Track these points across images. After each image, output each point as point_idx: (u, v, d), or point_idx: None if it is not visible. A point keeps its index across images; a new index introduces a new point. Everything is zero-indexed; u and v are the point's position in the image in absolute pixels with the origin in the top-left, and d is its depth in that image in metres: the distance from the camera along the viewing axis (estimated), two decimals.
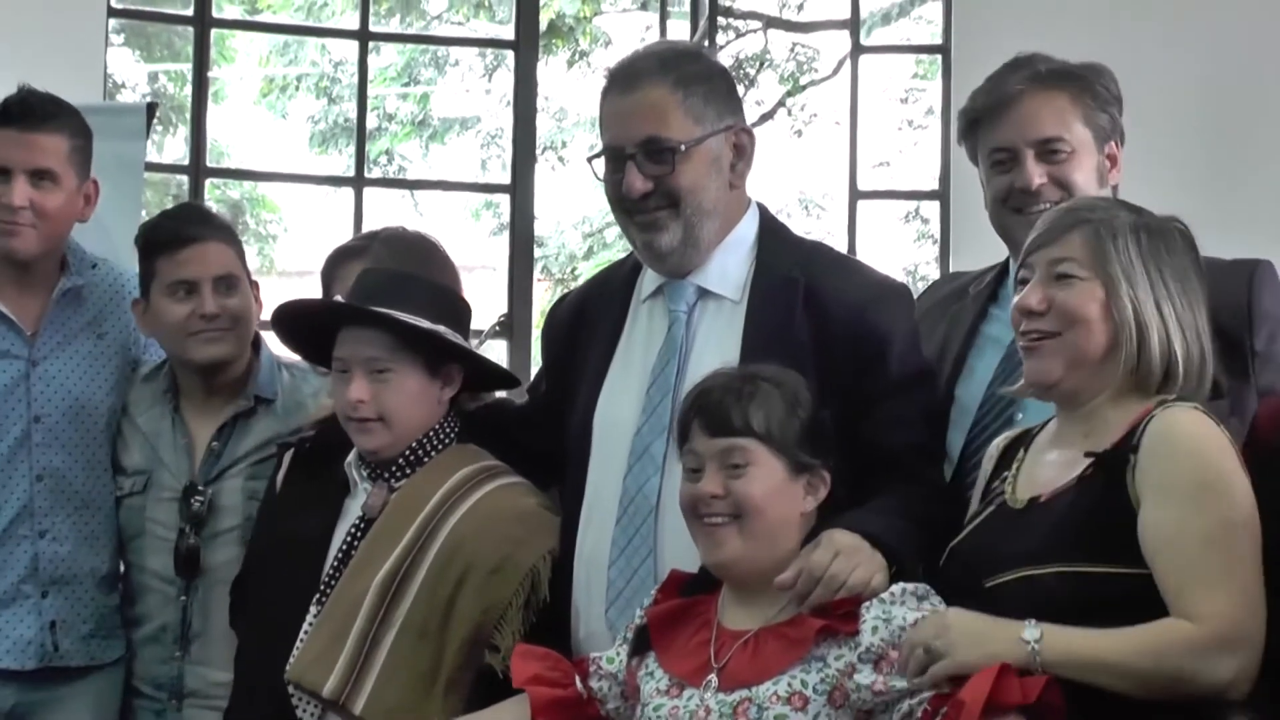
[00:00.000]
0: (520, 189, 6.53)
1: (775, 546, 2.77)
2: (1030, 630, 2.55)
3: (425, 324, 3.21)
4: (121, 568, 3.83)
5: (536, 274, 6.28)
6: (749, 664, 2.72)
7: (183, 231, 3.67)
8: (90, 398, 3.74)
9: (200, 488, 3.62)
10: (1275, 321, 3.14)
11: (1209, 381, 2.75)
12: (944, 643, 2.56)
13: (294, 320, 3.36)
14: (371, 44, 6.86)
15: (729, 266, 3.12)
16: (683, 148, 3.04)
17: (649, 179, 3.03)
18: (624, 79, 3.14)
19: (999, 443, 2.93)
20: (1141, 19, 3.85)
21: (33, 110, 3.63)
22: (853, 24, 6.91)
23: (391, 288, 3.32)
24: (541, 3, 6.77)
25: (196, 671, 3.66)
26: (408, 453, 3.22)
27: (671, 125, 3.04)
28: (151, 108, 4.66)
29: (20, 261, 3.67)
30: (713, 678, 2.73)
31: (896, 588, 2.70)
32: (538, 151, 6.43)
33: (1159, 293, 2.71)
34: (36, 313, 3.72)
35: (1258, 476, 2.69)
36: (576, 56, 11.83)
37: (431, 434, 3.25)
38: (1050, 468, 2.75)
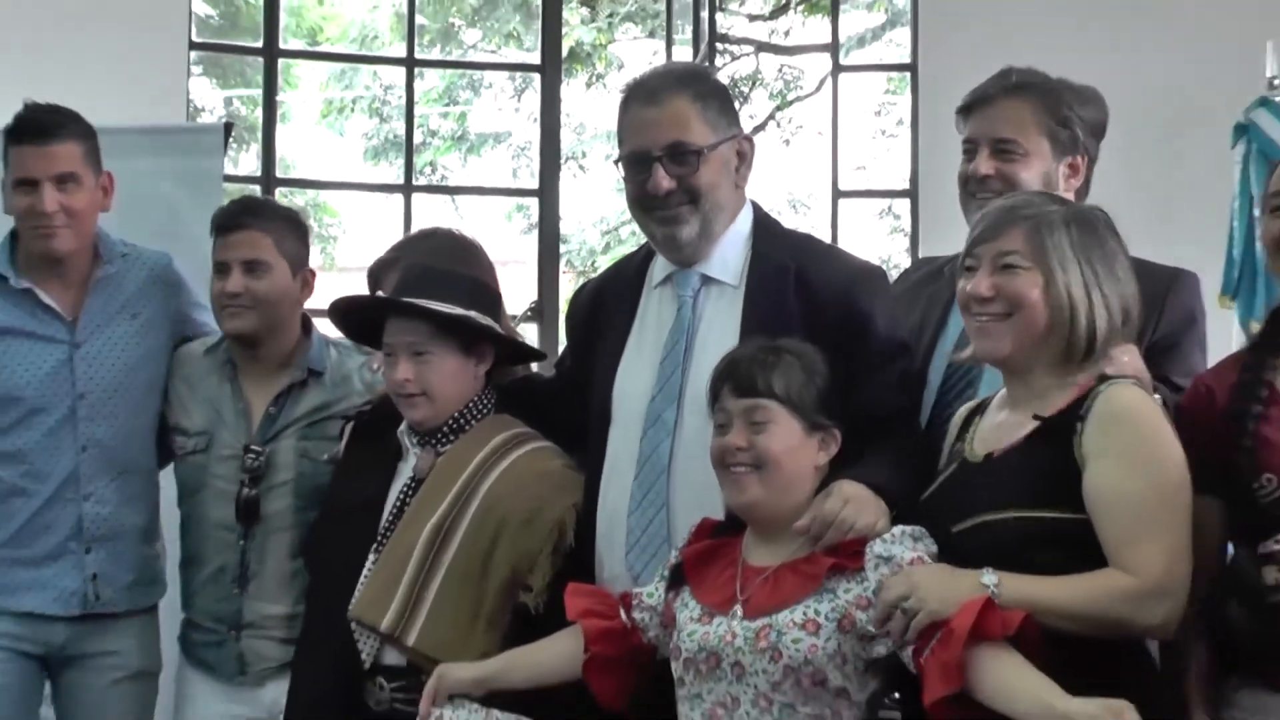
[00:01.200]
0: (546, 193, 6.57)
1: (792, 494, 2.80)
2: (988, 576, 2.58)
3: (458, 311, 3.24)
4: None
5: (561, 267, 6.24)
6: (769, 595, 2.76)
7: (229, 219, 3.72)
8: (128, 373, 3.74)
9: (257, 447, 3.63)
10: (1178, 323, 3.19)
11: (1135, 331, 2.84)
12: (915, 600, 2.59)
13: (347, 312, 3.40)
14: (417, 70, 6.86)
15: (729, 256, 3.13)
16: (704, 151, 3.06)
17: (673, 178, 3.05)
18: (647, 93, 3.15)
19: (961, 412, 2.97)
20: (1088, 41, 3.82)
21: (44, 125, 3.63)
22: (832, 47, 6.95)
23: (429, 281, 3.35)
24: (563, 32, 6.70)
25: (253, 606, 3.66)
26: (450, 422, 3.23)
27: (693, 132, 3.07)
28: (228, 127, 4.62)
29: (58, 257, 3.65)
30: (738, 608, 2.77)
31: (896, 530, 2.75)
32: (561, 161, 6.40)
33: (1087, 278, 2.74)
34: (75, 300, 3.72)
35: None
36: (594, 79, 11.85)
37: (470, 405, 3.26)
38: (1002, 428, 2.80)
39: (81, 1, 5.56)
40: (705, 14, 5.94)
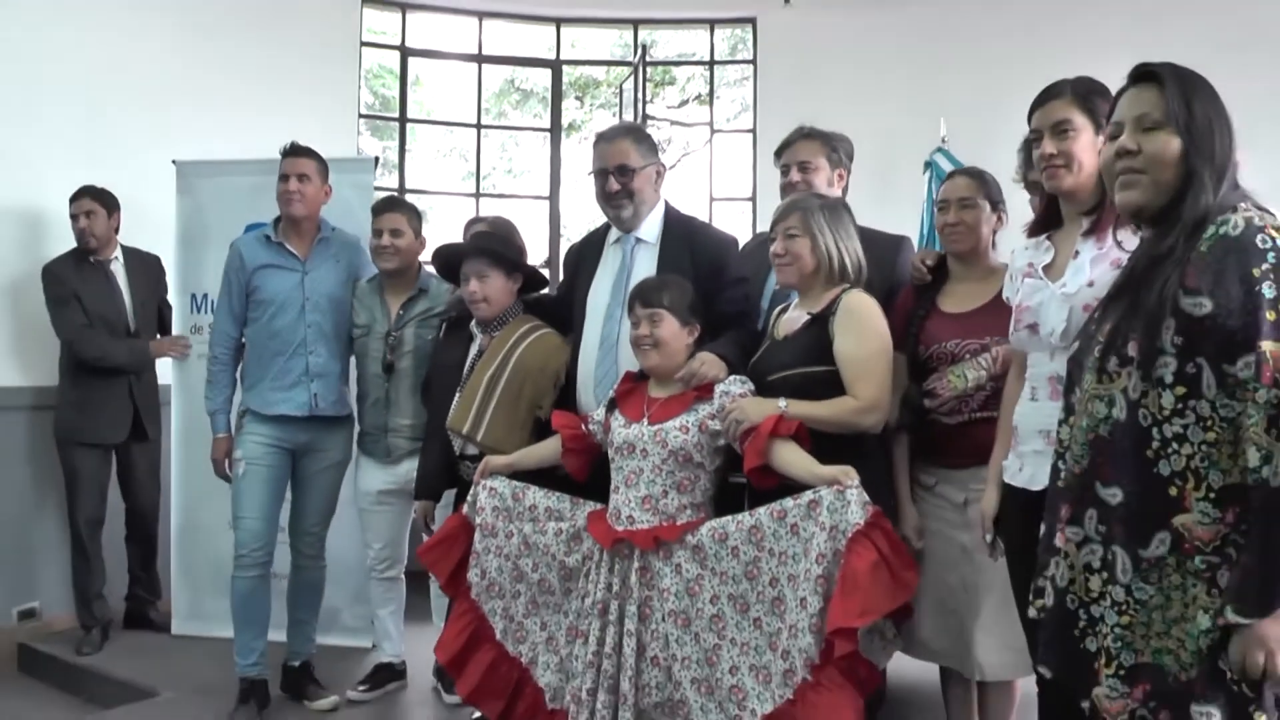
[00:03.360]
0: (554, 200, 6.62)
1: (674, 360, 2.90)
2: (782, 402, 2.70)
3: (500, 251, 3.40)
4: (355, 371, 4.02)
5: (561, 242, 6.33)
6: (661, 412, 2.86)
7: (383, 206, 3.89)
8: (332, 291, 3.89)
9: (394, 332, 3.83)
10: (903, 265, 3.19)
11: (864, 278, 2.88)
12: (740, 414, 2.72)
13: (443, 257, 3.51)
14: (483, 130, 6.84)
15: (651, 228, 3.25)
16: (637, 169, 3.18)
17: (619, 184, 3.17)
18: (606, 136, 3.28)
19: (776, 313, 3.04)
20: (848, 111, 3.88)
21: (297, 149, 3.88)
22: (710, 122, 6.77)
23: (486, 240, 3.52)
24: (562, 111, 6.78)
25: (394, 420, 3.85)
26: (498, 318, 3.36)
27: (631, 158, 3.18)
28: (375, 160, 4.77)
29: (296, 220, 3.87)
30: (645, 419, 2.87)
31: (731, 378, 2.87)
32: (561, 180, 6.45)
33: (835, 238, 2.84)
34: (306, 250, 3.91)
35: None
36: (578, 137, 11.56)
37: (509, 309, 3.38)
38: (791, 321, 2.90)
39: (306, 91, 5.66)
40: (641, 104, 6.03)
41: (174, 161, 4.70)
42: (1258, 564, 1.66)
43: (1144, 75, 1.86)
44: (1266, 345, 1.65)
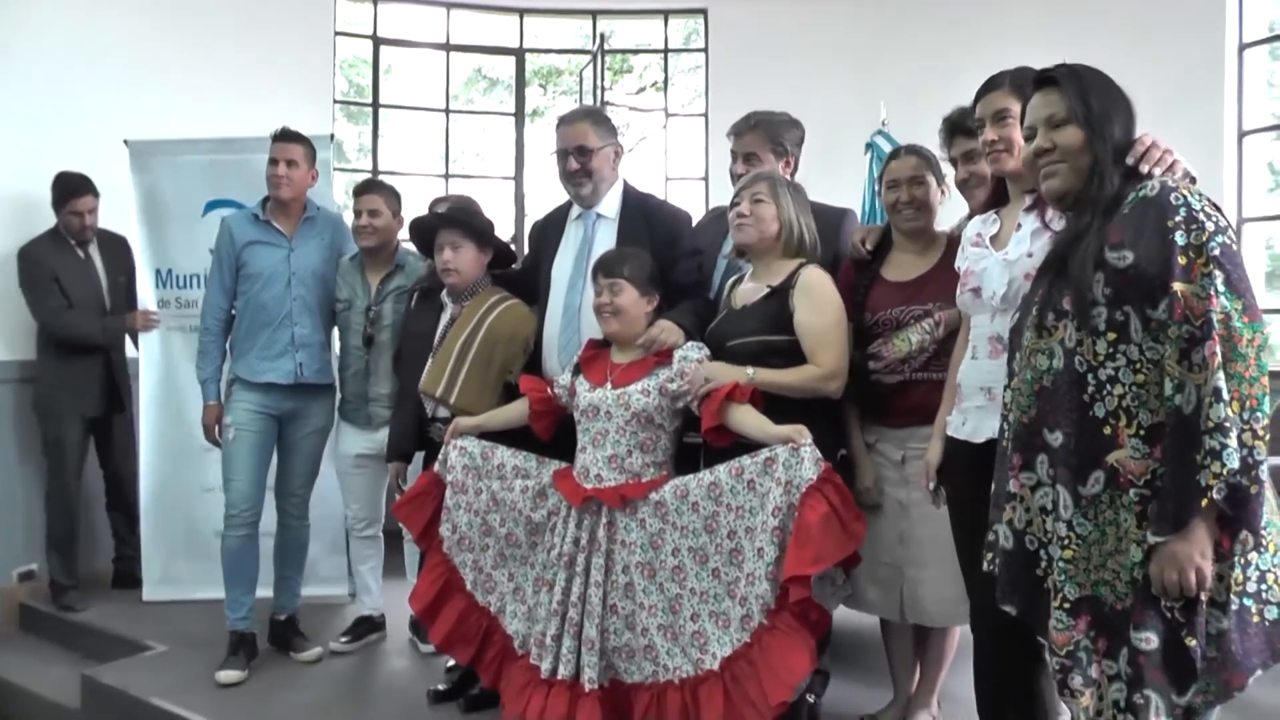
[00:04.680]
0: (518, 181, 6.54)
1: (634, 327, 2.89)
2: (749, 370, 2.71)
3: (474, 224, 3.36)
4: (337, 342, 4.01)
5: (526, 221, 6.27)
6: (624, 376, 2.85)
7: (363, 188, 3.91)
8: (316, 266, 3.86)
9: (374, 307, 3.81)
10: (847, 236, 3.14)
11: (818, 252, 2.90)
12: (710, 375, 2.73)
13: (416, 229, 3.45)
14: (452, 116, 6.75)
15: (610, 204, 3.23)
16: (595, 150, 3.16)
17: (579, 163, 3.16)
18: (568, 118, 3.26)
19: (730, 284, 3.03)
20: (797, 97, 3.83)
21: (288, 134, 3.84)
22: (665, 107, 6.83)
23: (456, 214, 3.43)
24: (525, 98, 6.71)
25: (375, 389, 3.82)
26: (468, 289, 3.32)
27: (590, 139, 3.16)
28: (330, 136, 4.61)
29: (284, 202, 3.82)
30: (609, 383, 2.85)
31: (689, 344, 2.87)
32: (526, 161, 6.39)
33: (796, 211, 2.86)
34: (292, 227, 3.86)
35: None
36: (541, 122, 11.39)
37: (479, 281, 3.33)
38: (749, 292, 2.89)
39: (285, 80, 5.49)
40: (600, 91, 5.98)
41: (125, 141, 4.57)
42: (1170, 484, 1.72)
43: (1046, 80, 1.99)
44: (1178, 286, 1.73)
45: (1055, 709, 2.21)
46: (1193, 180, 1.92)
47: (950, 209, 3.02)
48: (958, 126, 2.86)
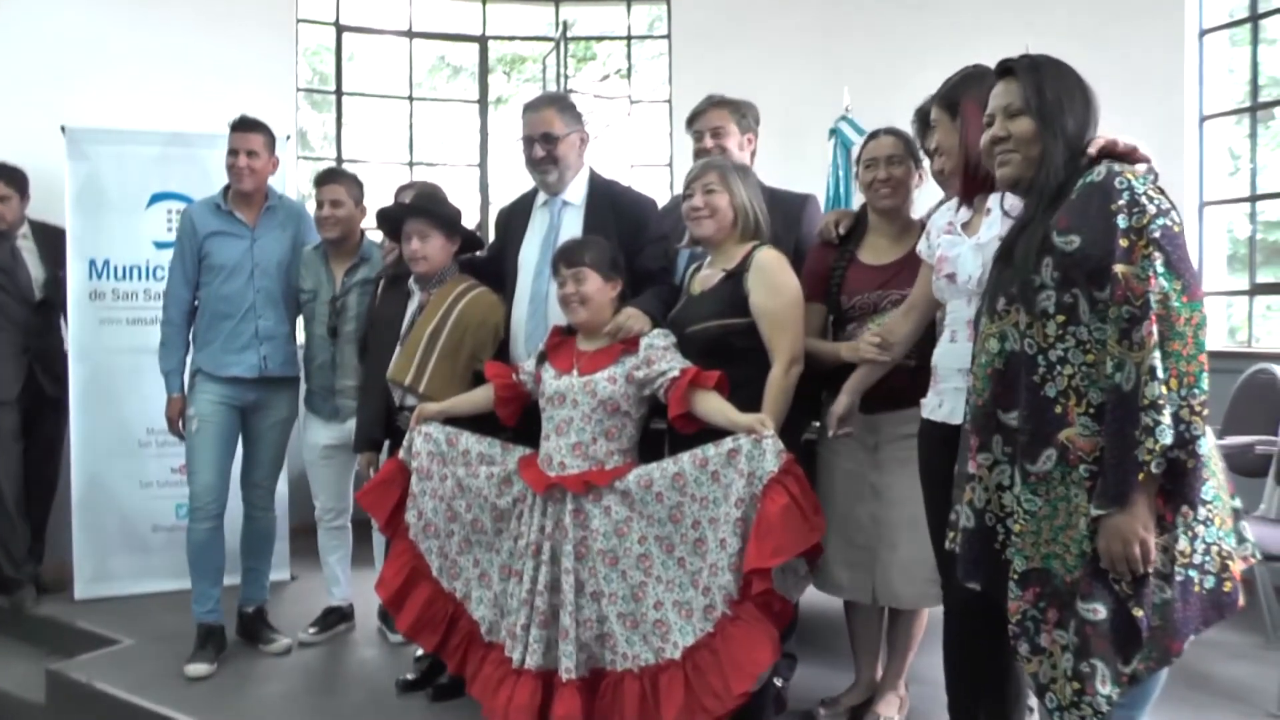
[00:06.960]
0: (483, 168, 6.46)
1: (600, 314, 2.89)
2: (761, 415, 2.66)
3: (441, 213, 3.35)
4: (302, 334, 3.99)
5: (490, 208, 6.21)
6: (590, 364, 2.85)
7: (324, 177, 3.89)
8: (279, 256, 3.83)
9: (339, 298, 3.80)
10: (809, 222, 3.20)
11: (769, 235, 2.90)
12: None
13: (383, 218, 3.47)
14: (417, 104, 6.66)
15: (577, 191, 3.24)
16: (560, 137, 3.15)
17: (544, 150, 3.15)
18: (532, 105, 3.25)
19: (690, 270, 3.04)
20: (762, 81, 3.80)
21: (247, 123, 3.78)
22: (629, 95, 6.70)
23: (423, 201, 3.43)
24: (490, 89, 6.64)
25: (340, 381, 3.83)
26: (436, 277, 3.31)
27: (555, 126, 3.16)
28: (289, 138, 4.59)
29: (246, 193, 3.78)
30: (575, 370, 2.86)
31: (656, 331, 2.87)
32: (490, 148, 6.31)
33: (748, 197, 2.87)
34: (254, 218, 3.82)
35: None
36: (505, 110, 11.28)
37: (446, 269, 3.33)
38: (707, 278, 2.91)
39: (247, 68, 5.42)
40: (563, 79, 5.93)
41: (63, 128, 4.46)
42: (1111, 460, 1.77)
43: (1006, 70, 2.04)
44: (1119, 268, 1.78)
45: (1026, 687, 2.22)
46: (1155, 175, 1.93)
47: (925, 197, 3.02)
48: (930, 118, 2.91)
